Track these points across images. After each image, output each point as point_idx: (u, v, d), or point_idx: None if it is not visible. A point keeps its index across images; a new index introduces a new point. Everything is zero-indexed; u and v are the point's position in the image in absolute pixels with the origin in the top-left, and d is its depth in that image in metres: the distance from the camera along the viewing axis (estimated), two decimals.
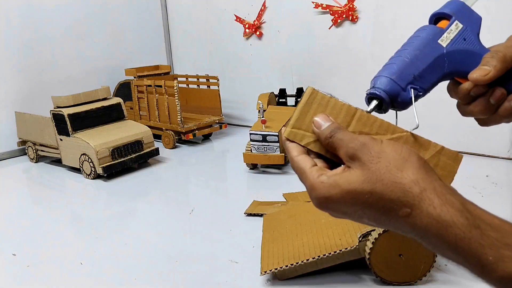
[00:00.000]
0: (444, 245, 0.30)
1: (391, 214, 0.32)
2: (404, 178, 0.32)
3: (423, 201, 0.31)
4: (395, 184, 0.32)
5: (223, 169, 1.06)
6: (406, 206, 0.31)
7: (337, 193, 0.33)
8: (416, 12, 1.00)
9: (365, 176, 0.32)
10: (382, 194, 0.32)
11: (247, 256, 0.61)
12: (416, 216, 0.31)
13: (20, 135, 1.14)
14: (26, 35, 1.19)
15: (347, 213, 0.34)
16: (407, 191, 0.31)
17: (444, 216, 0.30)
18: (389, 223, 0.33)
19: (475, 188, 0.78)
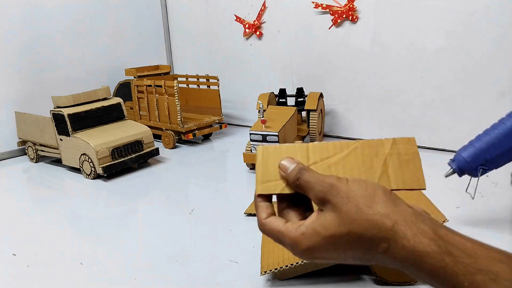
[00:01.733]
0: (422, 274, 0.31)
1: (371, 251, 0.33)
2: (375, 214, 0.32)
3: (397, 234, 0.32)
4: (368, 222, 0.32)
5: (223, 169, 1.06)
6: (383, 242, 0.32)
7: (318, 241, 0.34)
8: (416, 12, 1.00)
9: (339, 219, 0.33)
10: (358, 233, 0.33)
11: (247, 256, 0.61)
12: (393, 250, 0.32)
13: (20, 135, 1.14)
14: (26, 35, 1.19)
15: (332, 257, 0.35)
16: (380, 227, 0.32)
17: (417, 247, 0.31)
18: (372, 259, 0.33)
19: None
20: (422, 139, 1.06)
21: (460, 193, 0.77)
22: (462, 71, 0.97)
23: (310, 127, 1.07)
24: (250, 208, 0.76)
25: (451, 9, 0.95)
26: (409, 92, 1.06)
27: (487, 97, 0.95)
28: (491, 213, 0.70)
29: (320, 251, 0.34)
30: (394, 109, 1.09)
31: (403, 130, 1.09)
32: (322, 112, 1.14)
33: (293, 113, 1.02)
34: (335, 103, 1.19)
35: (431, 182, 0.73)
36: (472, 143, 0.59)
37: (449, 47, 0.97)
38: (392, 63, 1.07)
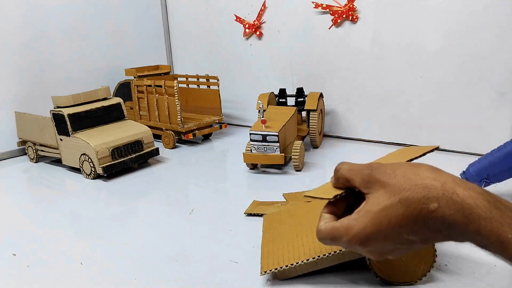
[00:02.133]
0: (470, 228, 0.33)
1: (423, 213, 0.34)
2: (423, 178, 0.34)
3: (447, 191, 0.33)
4: (417, 186, 0.34)
5: (223, 169, 1.06)
6: (433, 201, 0.33)
7: (370, 219, 0.35)
8: (416, 12, 1.00)
9: (389, 191, 0.35)
10: (409, 198, 0.34)
11: (247, 256, 0.61)
12: (443, 207, 0.33)
13: (20, 135, 1.14)
14: (26, 35, 1.19)
15: (387, 236, 0.36)
16: (430, 188, 0.34)
17: (467, 200, 0.33)
18: (424, 225, 0.34)
19: None
20: (422, 139, 1.06)
21: None
22: (462, 71, 0.97)
23: (310, 127, 1.07)
24: (250, 208, 0.76)
25: (451, 9, 0.95)
26: (409, 92, 1.06)
27: (487, 97, 0.95)
28: None
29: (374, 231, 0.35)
30: (394, 109, 1.09)
31: (403, 130, 1.09)
32: (322, 112, 1.14)
33: (293, 113, 1.02)
34: (335, 103, 1.19)
35: None
36: (480, 160, 0.72)
37: (449, 47, 0.97)
38: (392, 63, 1.07)
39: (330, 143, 1.17)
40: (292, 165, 0.98)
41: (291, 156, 0.96)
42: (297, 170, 0.96)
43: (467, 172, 0.74)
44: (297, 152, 0.94)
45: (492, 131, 0.96)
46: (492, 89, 0.95)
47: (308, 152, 1.08)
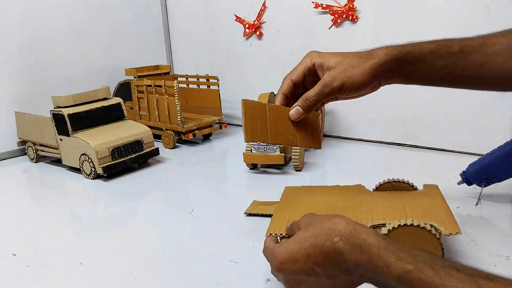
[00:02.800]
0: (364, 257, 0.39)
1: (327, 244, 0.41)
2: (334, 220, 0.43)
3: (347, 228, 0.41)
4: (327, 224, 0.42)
5: (223, 169, 1.06)
6: (336, 234, 0.41)
7: (286, 246, 0.45)
8: (416, 12, 1.00)
9: (308, 228, 0.44)
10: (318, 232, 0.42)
11: (247, 256, 0.61)
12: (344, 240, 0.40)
13: (20, 135, 1.14)
14: (26, 35, 1.19)
15: (297, 261, 0.43)
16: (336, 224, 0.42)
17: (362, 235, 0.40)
18: (327, 256, 0.41)
19: (475, 188, 0.78)
20: (422, 139, 1.07)
21: (460, 193, 0.78)
22: None
23: None
24: (250, 208, 0.76)
25: (451, 9, 0.95)
26: (409, 91, 1.06)
27: (486, 97, 0.95)
28: (490, 214, 0.70)
29: (287, 256, 0.43)
30: (394, 108, 1.09)
31: (403, 130, 1.09)
32: (322, 112, 1.14)
33: None
34: (335, 103, 1.19)
35: (432, 181, 0.74)
36: (479, 160, 0.72)
37: None
38: None
39: (330, 143, 1.17)
40: (292, 165, 0.98)
41: (291, 156, 0.96)
42: (297, 170, 0.96)
43: (467, 172, 0.74)
44: (297, 152, 0.94)
45: (492, 131, 0.96)
46: None
47: (308, 152, 1.08)
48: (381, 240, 0.38)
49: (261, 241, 0.64)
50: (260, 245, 0.63)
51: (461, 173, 0.75)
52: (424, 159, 1.01)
